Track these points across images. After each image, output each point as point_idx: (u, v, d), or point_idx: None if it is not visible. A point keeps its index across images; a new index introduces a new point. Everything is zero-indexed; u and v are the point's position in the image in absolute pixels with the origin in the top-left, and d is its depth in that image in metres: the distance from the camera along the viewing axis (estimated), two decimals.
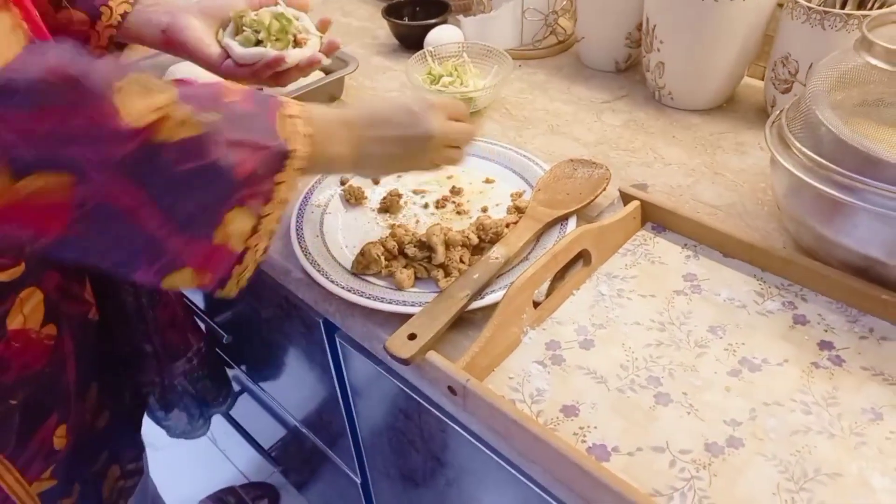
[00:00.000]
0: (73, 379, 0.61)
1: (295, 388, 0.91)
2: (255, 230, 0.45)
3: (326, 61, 0.66)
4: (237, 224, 0.44)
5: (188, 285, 0.45)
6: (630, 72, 0.94)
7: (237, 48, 0.63)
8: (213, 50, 0.64)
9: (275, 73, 0.64)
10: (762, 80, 0.90)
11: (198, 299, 0.97)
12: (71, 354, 0.60)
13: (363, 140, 0.52)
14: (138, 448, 0.78)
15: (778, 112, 0.61)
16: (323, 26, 0.68)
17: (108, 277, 0.67)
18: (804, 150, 0.55)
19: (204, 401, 0.86)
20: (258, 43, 0.63)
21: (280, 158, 0.45)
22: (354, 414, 0.76)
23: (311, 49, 0.65)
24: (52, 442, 0.59)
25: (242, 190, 0.43)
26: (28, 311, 0.54)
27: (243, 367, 1.04)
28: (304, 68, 0.65)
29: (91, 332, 0.64)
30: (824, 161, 0.53)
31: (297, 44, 0.65)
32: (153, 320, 0.74)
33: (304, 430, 0.99)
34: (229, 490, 1.31)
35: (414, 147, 0.53)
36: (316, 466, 1.07)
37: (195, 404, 0.84)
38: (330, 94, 0.88)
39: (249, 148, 0.44)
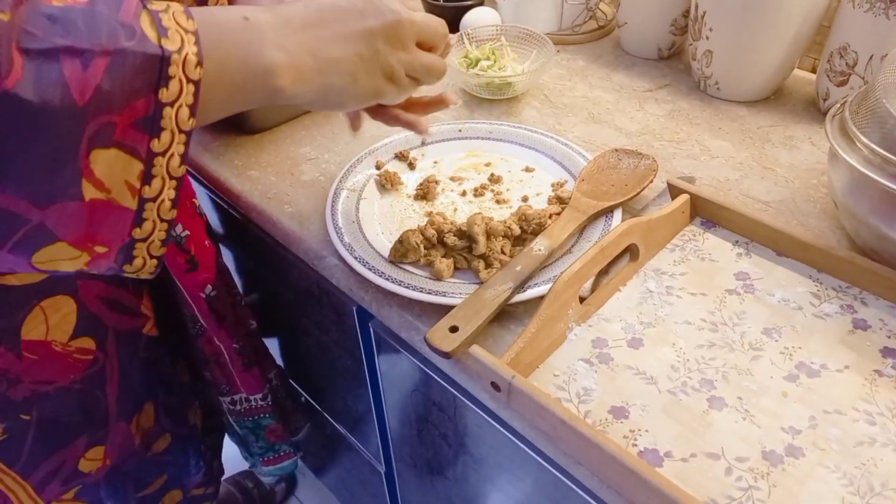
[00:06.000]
0: (114, 399, 0.56)
1: (320, 373, 0.90)
2: (146, 175, 0.33)
3: (455, 103, 0.54)
4: (111, 169, 0.32)
5: (76, 265, 0.34)
6: (672, 60, 0.91)
7: None
8: None
9: (381, 107, 0.52)
10: (811, 71, 0.87)
11: None
12: (115, 373, 0.55)
13: (316, 42, 0.39)
14: (211, 474, 0.72)
15: (839, 105, 0.58)
16: None
17: (169, 288, 0.60)
18: (870, 144, 0.52)
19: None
20: None
21: (151, 63, 0.32)
22: (384, 404, 0.74)
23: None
24: (77, 464, 0.55)
25: (90, 119, 0.31)
26: (55, 322, 0.49)
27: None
28: (429, 105, 0.52)
29: (145, 349, 0.59)
30: (892, 157, 0.50)
31: None
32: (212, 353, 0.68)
33: (326, 416, 0.97)
34: (247, 473, 1.30)
35: (383, 40, 0.41)
36: (336, 452, 1.06)
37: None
38: None
39: (78, 55, 0.30)
